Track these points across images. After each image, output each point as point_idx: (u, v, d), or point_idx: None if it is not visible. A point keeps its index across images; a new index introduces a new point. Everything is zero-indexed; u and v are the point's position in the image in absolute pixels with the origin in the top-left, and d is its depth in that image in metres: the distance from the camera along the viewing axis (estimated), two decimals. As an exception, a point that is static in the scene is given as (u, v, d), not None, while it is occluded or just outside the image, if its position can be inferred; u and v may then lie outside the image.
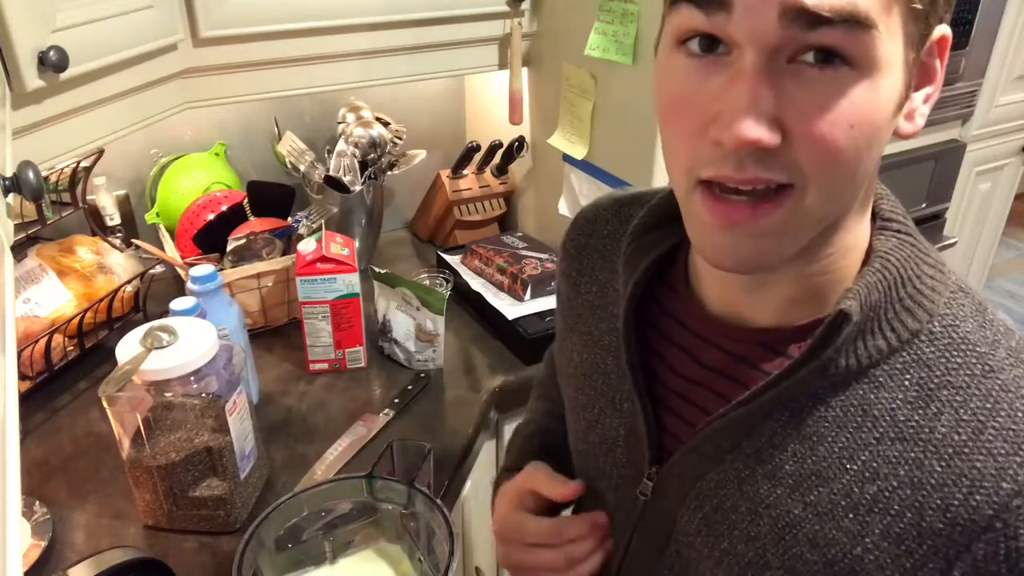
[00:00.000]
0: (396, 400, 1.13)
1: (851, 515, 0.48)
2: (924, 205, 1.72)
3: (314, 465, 1.01)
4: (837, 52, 0.40)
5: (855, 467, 0.48)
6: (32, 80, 0.79)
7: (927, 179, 1.69)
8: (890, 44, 0.40)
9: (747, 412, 0.51)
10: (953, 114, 1.66)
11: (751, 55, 0.40)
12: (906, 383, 0.47)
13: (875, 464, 0.47)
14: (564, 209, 1.38)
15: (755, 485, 0.52)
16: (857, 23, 0.39)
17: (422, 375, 1.19)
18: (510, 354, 1.26)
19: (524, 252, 1.42)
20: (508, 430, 1.25)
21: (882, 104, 0.42)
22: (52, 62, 0.79)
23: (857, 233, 0.49)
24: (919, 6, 0.41)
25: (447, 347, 1.27)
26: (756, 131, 0.40)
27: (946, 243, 1.82)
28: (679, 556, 0.58)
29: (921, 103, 0.45)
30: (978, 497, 0.44)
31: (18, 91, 0.79)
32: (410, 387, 1.16)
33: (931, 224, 1.78)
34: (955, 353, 0.47)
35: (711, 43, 0.42)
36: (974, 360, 0.47)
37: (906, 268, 0.48)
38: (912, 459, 0.46)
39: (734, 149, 0.41)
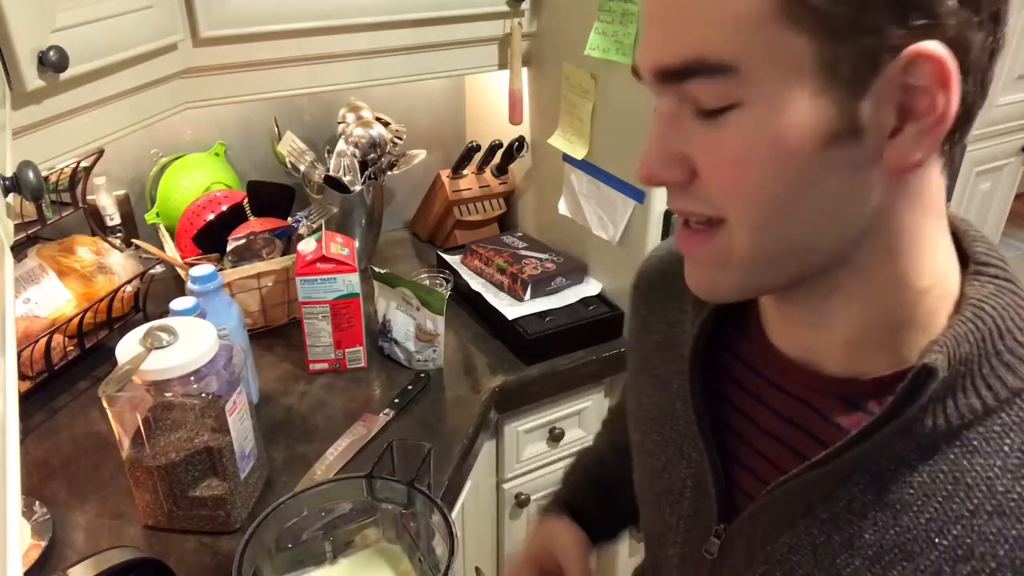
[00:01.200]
0: (396, 400, 1.13)
1: None
2: (924, 205, 1.72)
3: (314, 465, 1.01)
4: (717, 100, 0.40)
5: (945, 542, 0.43)
6: (32, 80, 0.79)
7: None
8: (775, 74, 0.38)
9: (823, 474, 0.46)
10: (953, 114, 1.66)
11: (660, 103, 0.43)
12: (1006, 448, 0.42)
13: (969, 540, 0.42)
14: (564, 209, 1.38)
15: (831, 554, 0.47)
16: (712, 70, 0.39)
17: (422, 375, 1.19)
18: (510, 354, 1.26)
19: (524, 252, 1.42)
20: (508, 430, 1.25)
21: (783, 137, 0.39)
22: (52, 62, 0.79)
23: (927, 275, 0.44)
24: (816, 21, 0.37)
25: (447, 347, 1.27)
26: (655, 169, 0.43)
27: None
28: None
29: (912, 135, 0.39)
30: None
31: (18, 91, 0.79)
32: (410, 387, 1.16)
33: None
34: None
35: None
36: None
37: (1004, 318, 0.43)
38: (1014, 537, 0.41)
39: (646, 184, 0.45)
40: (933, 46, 0.36)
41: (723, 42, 0.38)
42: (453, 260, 1.49)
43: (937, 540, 0.43)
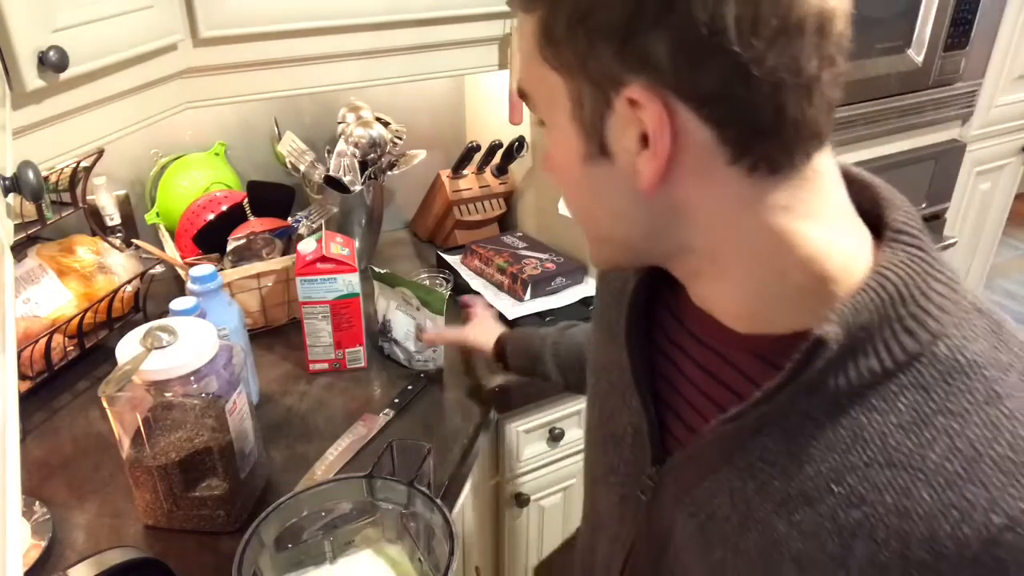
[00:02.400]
0: (396, 400, 1.13)
1: (835, 539, 0.47)
2: (924, 205, 1.72)
3: (314, 465, 1.01)
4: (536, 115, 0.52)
5: (841, 490, 0.47)
6: (32, 80, 0.79)
7: (927, 179, 1.69)
8: (547, 101, 0.49)
9: (737, 428, 0.50)
10: (953, 114, 1.66)
11: None
12: (900, 407, 0.45)
13: (862, 489, 0.46)
14: (564, 209, 1.37)
15: (746, 499, 0.51)
16: (522, 95, 0.52)
17: (422, 375, 1.19)
18: (510, 354, 1.26)
19: (524, 252, 1.42)
20: (508, 430, 1.25)
21: (559, 151, 0.50)
22: (52, 62, 0.79)
23: (794, 252, 0.46)
24: (556, 61, 0.46)
25: (447, 347, 1.27)
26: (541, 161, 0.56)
27: (946, 243, 1.82)
28: (678, 560, 0.58)
29: (643, 162, 0.45)
30: (967, 530, 0.42)
31: (18, 91, 0.79)
32: (410, 387, 1.16)
33: (931, 224, 1.78)
34: (958, 377, 0.45)
35: None
36: (979, 385, 0.44)
37: (910, 285, 0.45)
38: (900, 486, 0.45)
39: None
40: (645, 93, 0.42)
41: (523, 74, 0.50)
42: (453, 260, 1.49)
43: (835, 488, 0.47)
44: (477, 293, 1.35)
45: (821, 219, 0.47)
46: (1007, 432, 0.43)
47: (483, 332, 1.13)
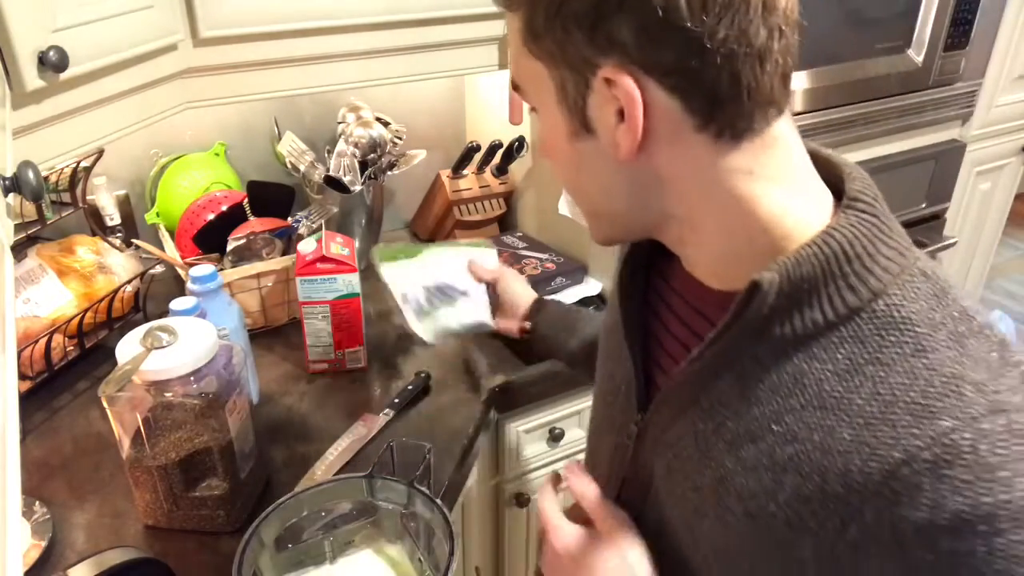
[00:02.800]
0: (396, 400, 1.13)
1: (770, 473, 0.51)
2: (924, 205, 1.72)
3: (314, 465, 1.01)
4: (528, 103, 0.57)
5: (780, 429, 0.51)
6: (32, 80, 0.79)
7: (927, 179, 1.69)
8: (534, 89, 0.55)
9: (698, 370, 0.55)
10: (953, 114, 1.66)
11: None
12: (838, 356, 0.49)
13: (796, 428, 0.50)
14: (564, 209, 1.38)
15: (705, 439, 0.56)
16: (514, 86, 0.57)
17: (421, 374, 1.19)
18: (510, 354, 1.25)
19: (524, 252, 1.42)
20: (508, 430, 1.25)
21: (549, 133, 0.55)
22: (52, 62, 0.79)
23: (759, 217, 0.51)
24: (540, 52, 0.51)
25: (447, 347, 1.27)
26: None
27: (946, 243, 1.82)
28: (657, 500, 0.63)
29: (620, 134, 0.50)
30: (872, 464, 0.46)
31: (18, 91, 0.79)
32: (410, 387, 1.16)
33: (931, 224, 1.78)
34: (891, 332, 0.49)
35: None
36: (908, 339, 0.48)
37: (855, 245, 0.49)
38: (827, 426, 0.49)
39: None
40: (617, 72, 0.48)
41: (513, 68, 0.56)
42: (453, 260, 1.48)
43: (775, 427, 0.52)
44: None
45: (781, 182, 0.51)
46: (922, 381, 0.47)
47: (519, 285, 1.14)
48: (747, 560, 0.54)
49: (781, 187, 0.51)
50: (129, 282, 1.26)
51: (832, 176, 0.55)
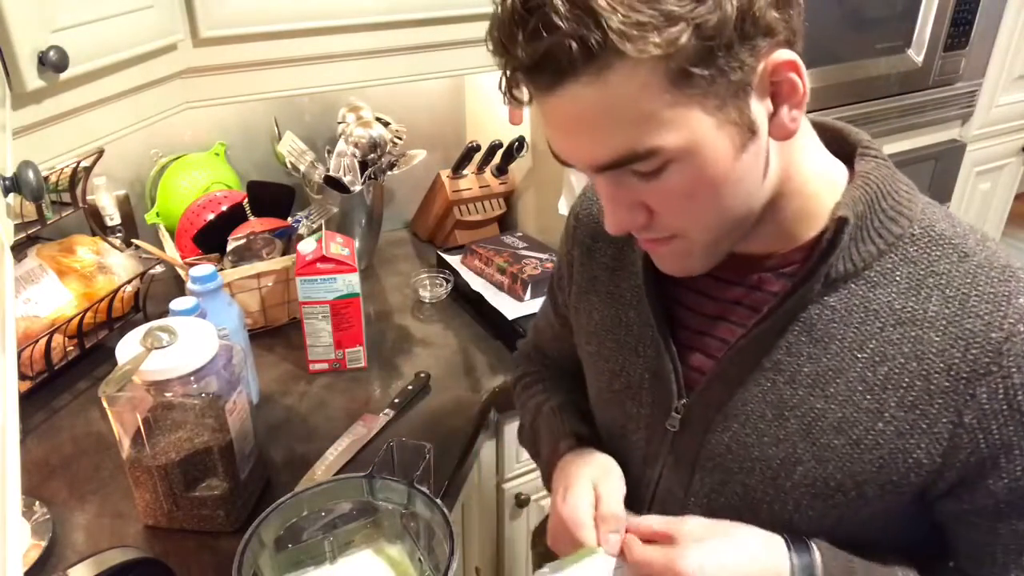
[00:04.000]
0: (396, 400, 1.13)
1: (868, 396, 0.56)
2: (924, 205, 1.72)
3: (314, 465, 1.01)
4: (652, 167, 0.51)
5: (865, 355, 0.56)
6: (32, 80, 0.79)
7: (927, 179, 1.69)
8: (687, 136, 0.49)
9: (765, 329, 0.58)
10: (953, 114, 1.66)
11: (598, 177, 0.55)
12: (897, 278, 0.56)
13: (883, 349, 0.55)
14: (564, 209, 1.38)
15: (778, 393, 0.59)
16: (642, 156, 0.50)
17: (422, 375, 1.19)
18: (510, 354, 1.25)
19: (524, 252, 1.42)
20: (508, 430, 1.25)
21: (711, 169, 0.51)
22: (52, 62, 0.79)
23: (809, 181, 0.57)
24: (699, 90, 0.48)
25: (446, 348, 1.27)
26: (623, 222, 0.56)
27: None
28: (704, 482, 0.65)
29: (787, 112, 0.52)
30: (975, 351, 0.53)
31: (18, 91, 0.79)
32: (410, 387, 1.16)
33: (931, 224, 1.78)
34: (934, 248, 0.56)
35: None
36: (951, 251, 0.56)
37: (884, 184, 0.57)
38: (913, 337, 0.55)
39: (618, 234, 0.58)
40: (784, 54, 0.49)
41: (643, 135, 0.49)
42: (453, 260, 1.49)
43: (859, 355, 0.56)
44: (477, 293, 1.35)
45: (815, 147, 0.58)
46: (983, 276, 0.54)
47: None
48: (852, 487, 0.57)
49: (815, 149, 0.58)
50: (129, 282, 1.26)
51: (833, 139, 0.61)
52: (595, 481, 0.69)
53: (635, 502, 0.70)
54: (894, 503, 0.58)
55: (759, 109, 0.51)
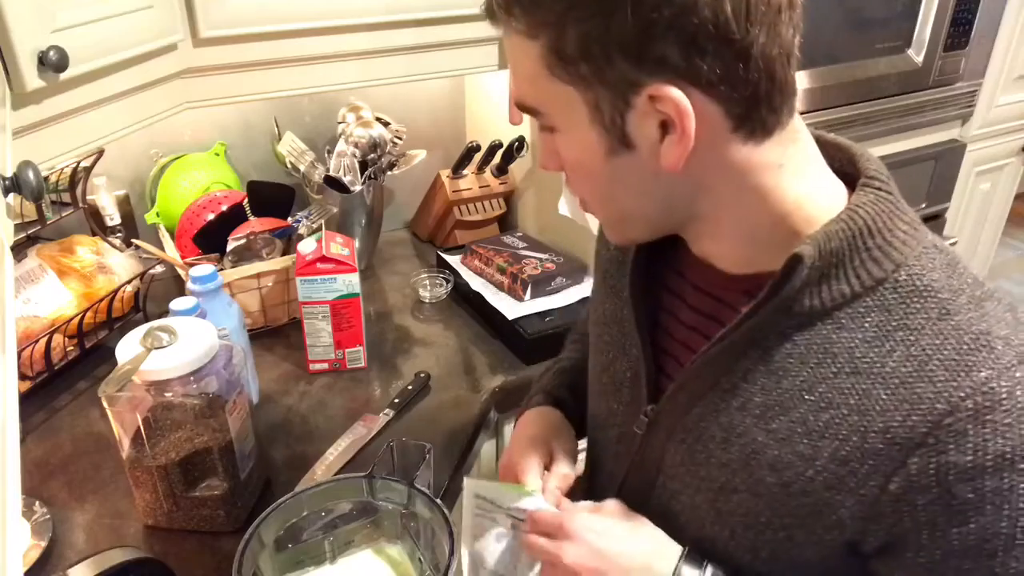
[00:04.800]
0: (396, 400, 1.13)
1: (805, 440, 0.54)
2: (924, 205, 1.72)
3: (314, 465, 1.01)
4: (543, 124, 0.56)
5: (812, 398, 0.54)
6: (32, 80, 0.79)
7: (927, 179, 1.69)
8: (559, 112, 0.53)
9: (723, 349, 0.57)
10: (953, 114, 1.66)
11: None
12: (866, 325, 0.52)
13: (830, 395, 0.53)
14: (564, 209, 1.38)
15: (729, 416, 0.58)
16: (528, 110, 0.56)
17: (422, 375, 1.19)
18: (510, 354, 1.26)
19: (524, 252, 1.42)
20: (508, 430, 1.25)
21: (581, 154, 0.55)
22: (52, 62, 0.79)
23: (784, 202, 0.54)
24: (571, 77, 0.50)
25: (446, 347, 1.27)
26: (542, 163, 0.61)
27: (946, 243, 1.82)
28: (666, 488, 0.65)
29: (668, 146, 0.51)
30: (915, 418, 0.49)
31: (18, 91, 0.79)
32: (410, 387, 1.16)
33: (931, 224, 1.78)
34: (916, 299, 0.52)
35: None
36: (933, 305, 0.52)
37: (876, 221, 0.53)
38: (862, 390, 0.52)
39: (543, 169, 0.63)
40: (664, 88, 0.48)
41: (526, 92, 0.55)
42: (453, 260, 1.49)
43: (807, 396, 0.54)
44: (477, 293, 1.35)
45: (804, 170, 0.55)
46: (953, 339, 0.50)
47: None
48: (780, 528, 0.56)
49: (804, 175, 0.54)
50: (129, 282, 1.26)
51: (838, 159, 0.58)
52: (552, 440, 0.75)
53: (602, 496, 0.70)
54: (828, 554, 0.56)
55: (644, 129, 0.51)
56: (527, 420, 0.81)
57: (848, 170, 0.57)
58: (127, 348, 0.83)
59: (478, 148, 1.51)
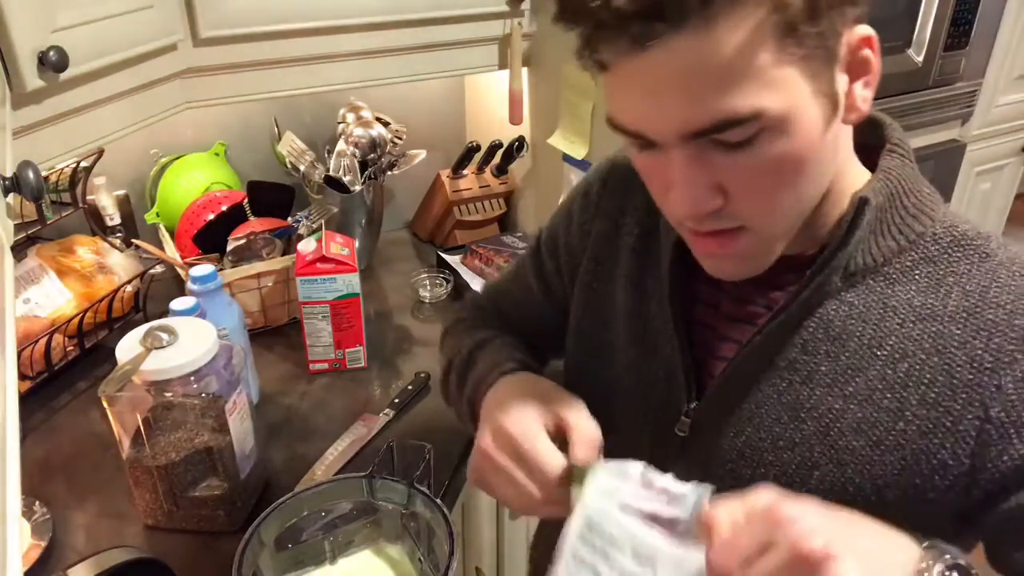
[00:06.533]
0: (396, 400, 1.13)
1: (888, 395, 0.54)
2: (924, 205, 1.72)
3: (314, 465, 1.01)
4: (745, 135, 0.46)
5: (884, 352, 0.54)
6: (32, 80, 0.79)
7: (927, 179, 1.69)
8: (787, 100, 0.45)
9: (779, 325, 0.56)
10: (953, 114, 1.66)
11: (674, 152, 0.48)
12: (916, 276, 0.55)
13: (903, 345, 0.54)
14: (564, 209, 1.38)
15: (794, 393, 0.57)
16: (743, 120, 0.45)
17: (422, 375, 1.19)
18: (510, 354, 1.25)
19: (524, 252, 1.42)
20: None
21: (802, 140, 0.47)
22: (52, 62, 0.79)
23: (847, 173, 0.56)
24: (804, 50, 0.45)
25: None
26: (700, 204, 0.49)
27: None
28: (721, 486, 0.54)
29: (861, 90, 0.49)
30: (997, 339, 0.51)
31: (18, 91, 0.79)
32: (410, 387, 1.16)
33: (931, 224, 1.78)
34: (955, 248, 0.55)
35: (645, 142, 0.50)
36: (971, 252, 0.54)
37: (907, 182, 0.55)
38: (933, 332, 0.53)
39: (689, 220, 0.52)
40: (864, 28, 0.47)
41: (745, 96, 0.44)
42: (453, 260, 1.49)
43: (878, 352, 0.54)
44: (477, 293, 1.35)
45: (850, 142, 0.55)
46: (1003, 271, 0.53)
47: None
48: (873, 491, 0.54)
49: (849, 137, 0.55)
50: (129, 282, 1.26)
51: (861, 127, 0.57)
52: (553, 398, 0.61)
53: None
54: (920, 519, 0.50)
55: (839, 84, 0.48)
56: (503, 389, 0.65)
57: (866, 139, 0.58)
58: (127, 348, 0.83)
59: (478, 148, 1.51)
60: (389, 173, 1.45)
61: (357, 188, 1.40)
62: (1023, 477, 0.50)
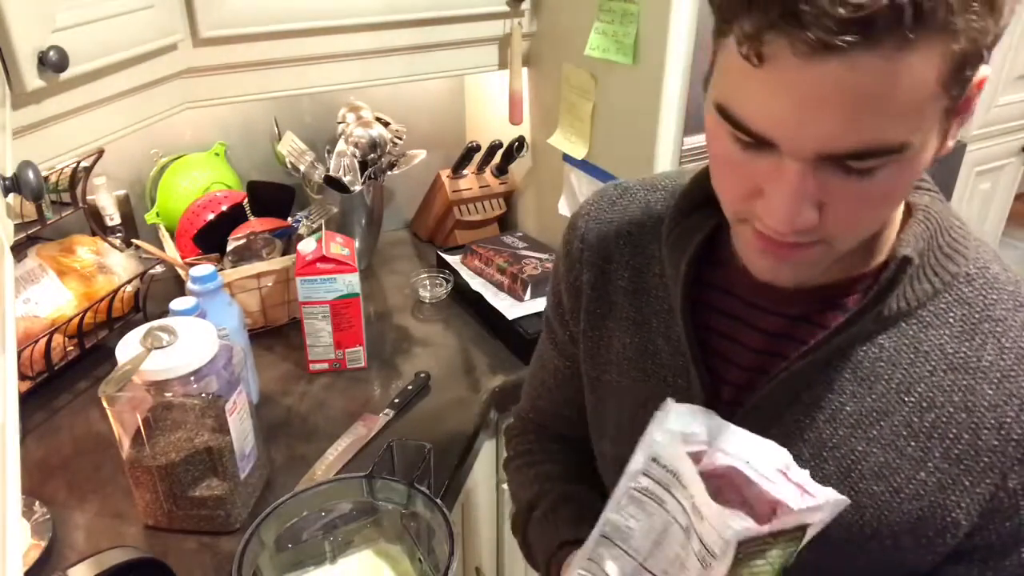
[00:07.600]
0: (396, 400, 1.13)
1: (913, 443, 0.53)
2: (924, 205, 1.72)
3: (314, 465, 1.01)
4: (878, 163, 0.43)
5: (912, 399, 0.53)
6: (32, 80, 0.79)
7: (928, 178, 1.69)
8: (924, 136, 0.43)
9: (809, 363, 0.54)
10: (953, 114, 1.65)
11: (795, 163, 0.44)
12: (951, 320, 0.53)
13: (931, 394, 0.52)
14: (564, 209, 1.38)
15: (817, 431, 0.55)
16: (890, 151, 0.42)
17: (422, 375, 1.19)
18: (510, 354, 1.26)
19: (524, 252, 1.42)
20: (508, 430, 1.25)
21: (914, 174, 0.46)
22: (52, 62, 0.79)
23: None
24: (958, 90, 0.42)
25: (447, 347, 1.27)
26: (802, 219, 0.45)
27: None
28: None
29: (955, 128, 0.47)
30: None
31: (18, 91, 0.79)
32: (410, 387, 1.16)
33: (931, 224, 1.78)
34: (990, 291, 0.53)
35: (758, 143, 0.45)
36: (1006, 296, 0.53)
37: (941, 220, 0.54)
38: (965, 386, 0.52)
39: (783, 234, 0.47)
40: (986, 70, 0.44)
41: (899, 128, 0.42)
42: (453, 260, 1.49)
43: (906, 398, 0.53)
44: (477, 293, 1.35)
45: None
46: None
47: None
48: (888, 536, 0.54)
49: None
50: (129, 282, 1.26)
51: None
52: None
53: None
54: (929, 559, 0.55)
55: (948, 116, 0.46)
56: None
57: None
58: (127, 348, 0.83)
59: (478, 148, 1.51)
60: (389, 173, 1.45)
61: (357, 188, 1.40)
62: (1017, 542, 0.53)
